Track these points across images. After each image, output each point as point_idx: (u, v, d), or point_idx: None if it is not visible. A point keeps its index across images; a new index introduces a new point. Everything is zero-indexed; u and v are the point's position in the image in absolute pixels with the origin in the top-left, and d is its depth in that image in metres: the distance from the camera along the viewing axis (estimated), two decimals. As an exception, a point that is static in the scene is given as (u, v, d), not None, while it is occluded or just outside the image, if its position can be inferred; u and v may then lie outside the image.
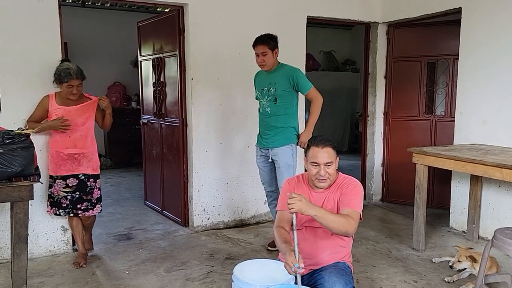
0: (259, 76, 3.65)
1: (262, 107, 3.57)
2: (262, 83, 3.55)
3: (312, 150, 2.30)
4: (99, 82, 7.08)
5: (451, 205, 4.26)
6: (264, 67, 3.47)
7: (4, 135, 2.55)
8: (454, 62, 4.53)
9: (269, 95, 3.48)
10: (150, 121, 4.80)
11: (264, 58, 3.41)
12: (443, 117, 4.77)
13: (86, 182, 3.32)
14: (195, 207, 4.16)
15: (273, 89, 3.45)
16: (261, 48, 3.41)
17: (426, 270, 3.27)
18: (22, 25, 3.31)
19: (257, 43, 3.43)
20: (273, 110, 3.48)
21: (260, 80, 3.60)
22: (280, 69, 3.50)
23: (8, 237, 3.33)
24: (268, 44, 3.40)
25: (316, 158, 2.28)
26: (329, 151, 2.26)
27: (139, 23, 4.86)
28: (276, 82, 3.45)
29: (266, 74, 3.53)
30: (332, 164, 2.28)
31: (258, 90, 3.59)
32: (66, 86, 3.17)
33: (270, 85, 3.47)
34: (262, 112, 3.57)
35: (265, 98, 3.51)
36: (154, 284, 3.03)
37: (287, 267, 2.05)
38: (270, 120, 3.50)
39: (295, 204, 2.05)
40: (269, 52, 3.41)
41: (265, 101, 3.52)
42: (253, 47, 3.45)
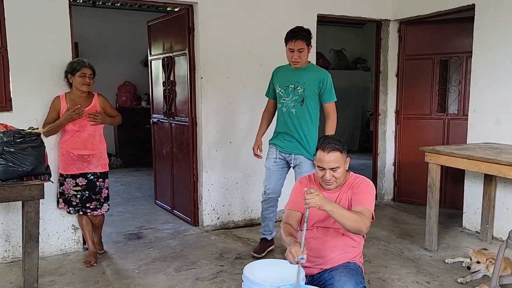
0: (282, 71, 3.36)
1: (285, 106, 3.29)
2: (287, 79, 3.26)
3: (319, 154, 2.28)
4: (109, 81, 7.13)
5: (464, 205, 4.19)
6: (297, 64, 3.21)
7: (15, 134, 2.56)
8: (467, 60, 4.45)
9: (295, 94, 3.22)
10: (160, 120, 4.80)
11: (300, 54, 3.15)
12: (456, 115, 4.70)
13: (95, 182, 3.33)
14: (204, 206, 4.15)
15: (301, 89, 3.20)
16: (300, 44, 3.12)
17: (438, 271, 3.21)
18: (33, 25, 3.33)
19: (296, 37, 3.12)
20: (299, 112, 3.23)
21: (284, 76, 3.31)
22: (311, 69, 3.27)
23: (19, 236, 3.36)
24: (307, 40, 3.15)
25: (321, 163, 2.26)
26: (335, 156, 2.24)
27: (149, 22, 4.87)
28: (306, 82, 3.20)
29: (293, 71, 3.26)
30: (339, 168, 2.26)
31: (281, 87, 3.29)
32: (79, 75, 3.19)
33: (298, 83, 3.21)
34: (286, 113, 3.28)
35: (289, 97, 3.24)
36: (164, 283, 3.02)
37: (289, 256, 2.05)
38: (296, 122, 3.25)
39: (313, 199, 2.04)
40: (306, 48, 3.16)
41: (289, 101, 3.25)
42: (288, 41, 3.17)
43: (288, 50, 3.19)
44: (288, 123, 3.28)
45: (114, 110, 3.52)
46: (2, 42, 3.28)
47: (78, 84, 3.22)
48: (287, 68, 3.32)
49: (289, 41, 3.17)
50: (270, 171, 3.41)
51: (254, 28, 4.15)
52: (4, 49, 3.28)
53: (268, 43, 4.19)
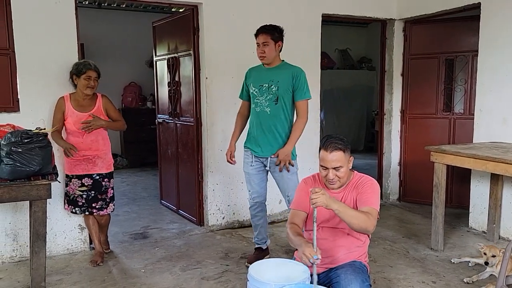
0: (255, 71, 3.30)
1: (259, 106, 3.19)
2: (260, 79, 3.20)
3: (322, 153, 2.28)
4: (115, 82, 7.18)
5: (470, 204, 4.17)
6: (263, 59, 3.15)
7: (22, 134, 2.58)
8: (473, 59, 4.44)
9: (269, 93, 3.14)
10: (165, 121, 4.82)
11: (265, 49, 3.10)
12: (462, 115, 4.67)
13: (101, 182, 3.36)
14: (210, 206, 4.16)
15: (275, 87, 3.12)
16: (263, 38, 3.11)
17: (445, 271, 3.20)
18: (39, 26, 3.36)
19: (259, 32, 3.14)
20: (273, 111, 3.14)
21: (257, 75, 3.24)
22: (284, 67, 3.21)
23: (27, 235, 3.39)
24: (271, 34, 3.11)
25: (324, 162, 2.26)
26: (338, 155, 2.23)
27: (154, 23, 4.89)
28: (279, 80, 3.13)
29: (266, 70, 3.21)
30: (342, 167, 2.25)
31: (255, 87, 3.20)
32: (84, 78, 3.21)
33: (272, 82, 3.14)
34: (260, 112, 3.18)
35: (263, 96, 3.16)
36: (170, 282, 3.04)
37: (304, 259, 2.04)
38: (270, 122, 3.15)
39: (319, 198, 2.04)
40: (271, 43, 3.10)
41: (263, 100, 3.16)
42: (255, 36, 3.18)
43: (256, 45, 3.17)
44: (262, 123, 3.17)
45: (118, 113, 3.47)
46: (10, 43, 3.31)
47: (83, 87, 3.24)
48: (261, 68, 3.26)
49: (255, 37, 3.17)
50: (250, 175, 3.32)
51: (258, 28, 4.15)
52: (12, 50, 3.31)
53: (273, 43, 4.20)
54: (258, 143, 3.21)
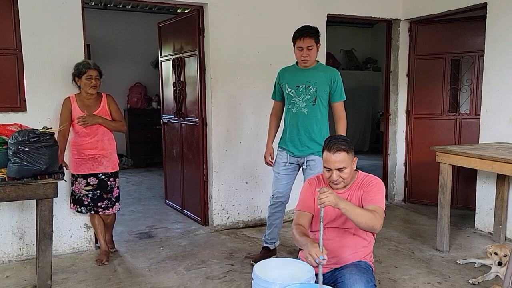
0: (290, 72, 3.27)
1: (296, 107, 3.18)
2: (296, 80, 3.19)
3: (325, 154, 2.28)
4: (120, 83, 7.22)
5: (476, 205, 4.15)
6: (306, 62, 3.14)
7: (29, 133, 2.61)
8: (479, 59, 4.42)
9: (307, 94, 3.14)
10: (170, 121, 4.84)
11: (309, 52, 3.09)
12: (467, 115, 4.65)
13: (107, 181, 3.38)
14: (214, 206, 4.17)
15: (313, 88, 3.13)
16: (308, 42, 3.07)
17: (450, 272, 3.19)
18: (46, 26, 3.39)
19: (305, 35, 3.07)
20: (311, 111, 3.15)
21: (293, 76, 3.22)
22: (322, 68, 3.22)
23: (34, 234, 3.41)
24: (315, 37, 3.10)
25: (327, 163, 2.26)
26: (341, 156, 2.23)
27: (160, 24, 4.91)
28: (317, 81, 3.14)
29: (303, 71, 3.19)
30: (346, 168, 2.25)
31: (291, 87, 3.20)
32: (85, 78, 3.23)
33: (310, 83, 3.14)
34: (297, 113, 3.18)
35: (301, 97, 3.16)
36: (175, 281, 3.05)
37: (310, 259, 2.04)
38: (307, 122, 3.16)
39: (328, 198, 2.03)
40: (315, 46, 3.11)
41: (300, 101, 3.16)
42: (296, 39, 3.11)
43: (297, 49, 3.13)
44: (299, 124, 3.19)
45: (120, 115, 3.45)
46: (17, 44, 3.34)
47: (86, 87, 3.26)
48: (295, 68, 3.27)
49: (297, 40, 3.11)
50: (280, 175, 3.30)
51: (263, 28, 4.17)
52: (19, 50, 3.34)
53: (278, 43, 4.20)
54: (295, 144, 3.22)
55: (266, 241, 3.43)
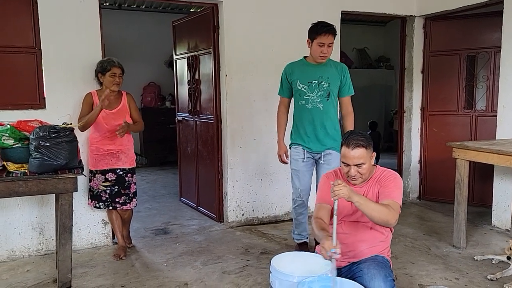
0: (298, 67, 3.27)
1: (311, 102, 3.19)
2: (308, 75, 3.19)
3: (343, 150, 2.28)
4: (135, 82, 7.28)
5: (493, 202, 4.10)
6: (324, 59, 3.15)
7: (50, 129, 2.65)
8: (496, 55, 4.38)
9: (320, 89, 3.17)
10: (185, 119, 4.88)
11: (329, 49, 3.10)
12: (484, 112, 4.61)
13: (124, 177, 3.42)
14: (229, 203, 4.20)
15: (325, 84, 3.16)
16: (331, 38, 3.08)
17: (468, 268, 3.16)
18: (65, 25, 3.44)
19: (328, 32, 3.07)
20: (326, 107, 3.19)
21: (304, 72, 3.22)
22: (331, 63, 3.25)
23: (53, 229, 3.48)
24: (335, 34, 3.13)
25: (346, 159, 2.26)
26: (360, 152, 2.22)
27: (174, 23, 4.96)
28: (329, 76, 3.17)
29: (313, 66, 3.21)
30: (364, 164, 2.25)
31: (303, 83, 3.20)
32: (109, 75, 3.29)
33: (322, 78, 3.17)
34: (312, 109, 3.20)
35: (314, 93, 3.18)
36: (192, 276, 3.08)
37: (322, 252, 2.05)
38: (323, 117, 3.19)
39: (341, 190, 2.04)
40: (333, 43, 3.14)
41: (315, 96, 3.18)
42: (318, 34, 3.07)
43: (317, 44, 3.09)
44: (314, 119, 3.20)
45: (138, 114, 3.50)
46: (36, 42, 3.40)
47: (109, 84, 3.31)
48: (304, 63, 3.26)
49: (320, 35, 3.07)
50: (299, 172, 3.30)
51: (278, 25, 4.18)
52: (38, 48, 3.41)
53: (292, 40, 4.22)
54: (311, 139, 3.23)
55: (301, 238, 3.46)
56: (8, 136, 2.68)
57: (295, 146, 3.32)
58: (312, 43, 3.15)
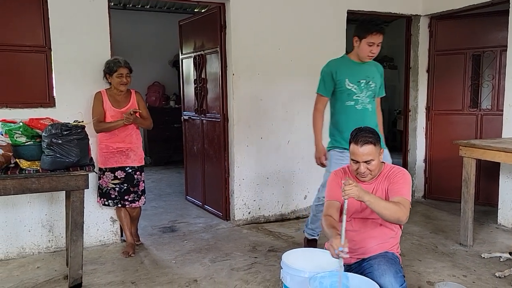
0: (345, 65, 3.08)
1: (360, 103, 3.05)
2: (357, 74, 3.04)
3: (352, 147, 2.29)
4: (139, 82, 7.23)
5: (499, 200, 4.12)
6: (370, 59, 3.03)
7: (62, 126, 2.69)
8: (502, 54, 4.39)
9: (368, 89, 3.05)
10: (191, 118, 4.90)
11: (378, 49, 2.98)
12: (489, 111, 4.62)
13: (133, 175, 3.45)
14: (236, 201, 4.22)
15: (373, 84, 3.07)
16: (381, 38, 2.94)
17: (475, 265, 3.18)
18: (74, 24, 3.47)
19: (378, 31, 2.93)
20: (373, 107, 3.10)
21: (352, 70, 3.06)
22: (371, 62, 3.12)
23: (62, 226, 3.50)
24: (384, 33, 2.98)
25: (355, 156, 2.28)
26: (369, 149, 2.24)
27: (181, 22, 4.98)
28: (374, 76, 3.09)
29: (359, 65, 3.07)
30: (373, 160, 2.26)
31: (353, 83, 3.03)
32: (116, 76, 3.32)
33: (368, 78, 3.05)
34: (362, 110, 3.05)
35: (363, 93, 3.04)
36: (201, 272, 3.10)
37: (330, 250, 2.06)
38: (372, 118, 3.07)
39: (352, 190, 2.05)
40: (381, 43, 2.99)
41: (364, 97, 3.05)
42: (370, 34, 2.92)
43: (367, 44, 2.94)
44: (365, 121, 2.94)
45: (147, 112, 3.53)
46: (46, 41, 3.43)
47: (116, 84, 3.35)
48: (348, 61, 3.10)
49: (372, 34, 2.92)
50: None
51: (284, 24, 4.20)
52: (48, 47, 3.43)
53: (299, 39, 4.26)
54: None
55: (312, 234, 3.41)
56: (20, 134, 2.72)
57: (340, 150, 3.08)
58: (360, 42, 2.99)
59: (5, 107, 3.33)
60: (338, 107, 3.12)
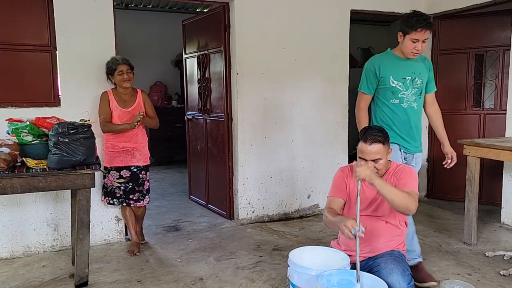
0: (389, 61, 2.88)
1: (406, 101, 2.86)
2: (402, 71, 2.84)
3: (360, 145, 2.31)
4: (141, 82, 7.25)
5: (502, 199, 4.13)
6: (414, 56, 2.82)
7: (69, 125, 2.69)
8: (505, 54, 4.41)
9: (414, 87, 2.86)
10: (194, 117, 4.91)
11: (423, 45, 2.77)
12: (492, 110, 4.63)
13: (139, 174, 3.46)
14: (240, 200, 4.22)
15: (419, 80, 2.87)
16: (426, 34, 2.73)
17: (479, 264, 3.19)
18: (80, 23, 3.48)
19: (424, 26, 2.70)
20: (419, 105, 2.92)
21: (396, 67, 2.85)
22: (419, 57, 2.92)
23: (67, 225, 3.51)
24: (432, 28, 2.78)
25: (363, 154, 2.29)
26: (377, 147, 2.26)
27: (184, 21, 4.99)
28: (421, 72, 2.89)
29: (404, 61, 2.86)
30: (381, 159, 2.28)
31: (397, 80, 2.84)
32: (117, 74, 3.33)
33: (414, 74, 2.86)
34: (408, 108, 2.87)
35: (409, 91, 2.86)
36: (206, 271, 3.11)
37: (345, 231, 2.05)
38: (418, 118, 2.93)
39: (365, 171, 2.07)
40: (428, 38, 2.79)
41: (409, 94, 2.86)
42: (413, 30, 2.71)
43: (410, 40, 2.74)
44: (411, 119, 2.88)
45: (154, 111, 3.55)
46: (51, 40, 3.44)
47: (120, 82, 3.36)
48: (393, 57, 2.90)
49: (415, 31, 2.71)
50: None
51: (288, 24, 4.21)
52: (53, 47, 3.44)
53: (302, 38, 4.27)
54: (406, 140, 2.91)
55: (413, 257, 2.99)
56: (27, 133, 2.73)
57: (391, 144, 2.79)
58: (404, 37, 2.79)
59: (10, 106, 3.33)
60: (382, 106, 2.93)
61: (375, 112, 3.00)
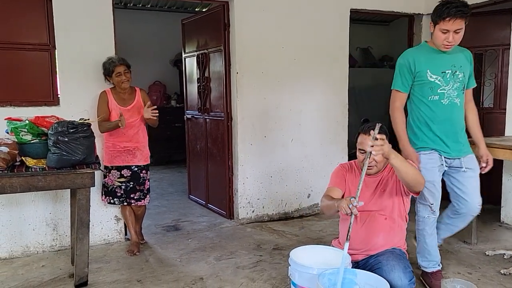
0: (424, 55, 2.62)
1: (447, 97, 2.60)
2: (441, 64, 2.58)
3: (360, 137, 2.35)
4: (140, 81, 7.22)
5: (502, 199, 4.13)
6: (448, 48, 2.54)
7: (68, 124, 2.68)
8: (504, 53, 4.41)
9: (455, 81, 2.59)
10: (194, 117, 4.90)
11: (456, 37, 2.47)
12: (491, 109, 4.64)
13: (139, 173, 3.45)
14: (240, 199, 4.22)
15: (460, 74, 2.60)
16: (458, 23, 2.42)
17: (480, 263, 3.19)
18: (79, 23, 3.46)
19: (455, 15, 2.40)
20: (462, 101, 2.64)
21: (433, 60, 2.59)
22: (458, 49, 2.64)
23: (67, 225, 3.50)
24: (466, 17, 2.44)
25: (363, 146, 2.32)
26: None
27: (184, 21, 4.98)
28: (462, 65, 2.61)
29: (441, 53, 2.58)
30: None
31: (436, 74, 2.58)
32: (115, 75, 3.32)
33: (455, 67, 2.59)
34: (449, 105, 2.60)
35: (449, 85, 2.59)
36: (207, 270, 3.10)
37: (343, 206, 2.07)
38: (461, 115, 2.66)
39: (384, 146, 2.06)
40: (463, 28, 2.47)
41: (450, 90, 2.59)
42: (443, 19, 2.44)
43: (440, 31, 2.48)
44: (453, 118, 2.63)
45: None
46: (50, 39, 3.43)
47: (118, 84, 3.35)
48: (428, 49, 2.63)
49: (444, 21, 2.44)
50: (436, 184, 2.66)
51: (288, 23, 4.21)
52: (52, 46, 3.43)
53: (302, 38, 4.26)
54: (449, 142, 2.65)
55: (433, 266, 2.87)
56: (26, 132, 2.72)
57: (427, 151, 2.67)
58: (434, 28, 2.54)
59: (9, 106, 3.32)
60: (419, 104, 2.67)
61: (411, 111, 2.74)
